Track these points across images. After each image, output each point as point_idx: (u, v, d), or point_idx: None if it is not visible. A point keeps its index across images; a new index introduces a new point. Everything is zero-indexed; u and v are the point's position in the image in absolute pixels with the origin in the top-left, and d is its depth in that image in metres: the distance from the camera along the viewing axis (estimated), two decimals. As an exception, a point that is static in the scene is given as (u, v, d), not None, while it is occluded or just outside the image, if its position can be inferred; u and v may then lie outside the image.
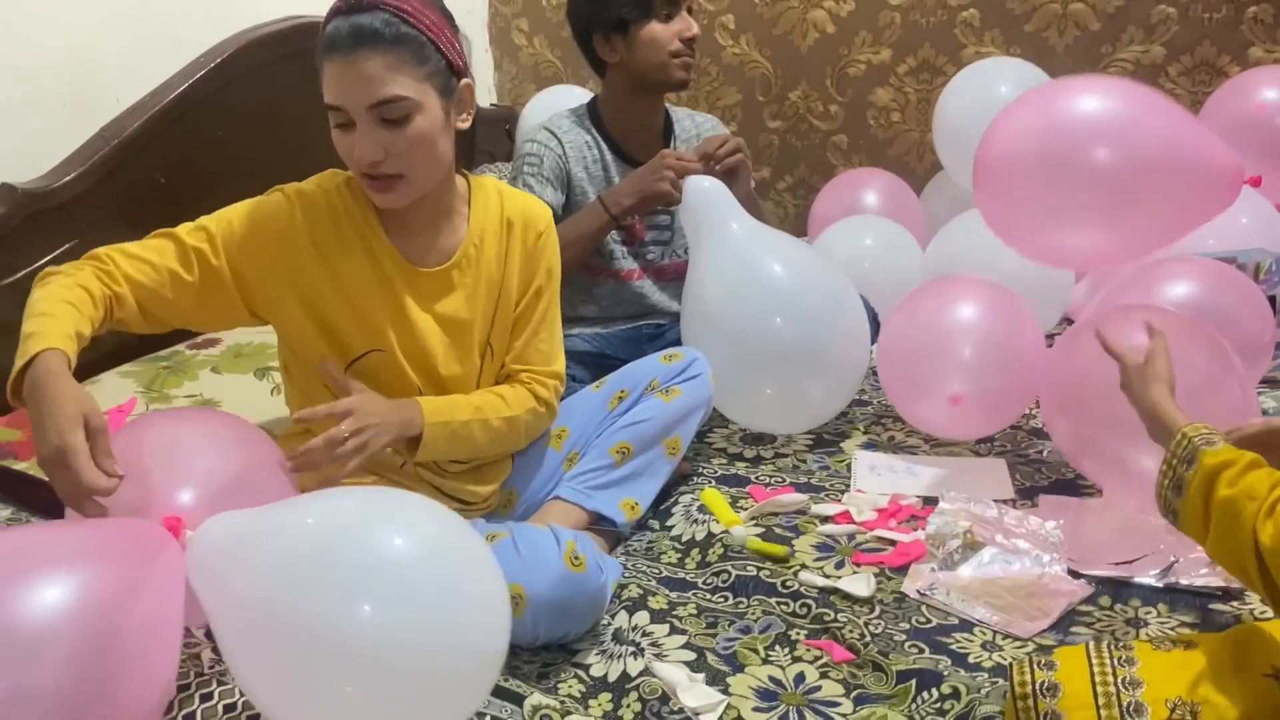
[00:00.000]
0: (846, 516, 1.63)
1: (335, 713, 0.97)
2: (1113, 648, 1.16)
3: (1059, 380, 1.69)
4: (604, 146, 2.10)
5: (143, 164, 1.91)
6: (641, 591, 1.44)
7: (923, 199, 2.76)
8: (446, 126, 1.40)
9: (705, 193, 1.89)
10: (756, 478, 1.79)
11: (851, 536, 1.58)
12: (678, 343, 1.98)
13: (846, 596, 1.42)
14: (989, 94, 2.47)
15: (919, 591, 1.43)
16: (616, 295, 2.14)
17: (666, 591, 1.46)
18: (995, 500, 1.63)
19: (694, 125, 2.21)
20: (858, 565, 1.50)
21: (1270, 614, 1.31)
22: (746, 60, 3.01)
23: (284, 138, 2.06)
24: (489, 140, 2.89)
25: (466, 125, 1.45)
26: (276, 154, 1.99)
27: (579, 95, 2.73)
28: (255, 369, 1.92)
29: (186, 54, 2.06)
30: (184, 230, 1.40)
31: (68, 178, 1.83)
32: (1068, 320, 2.36)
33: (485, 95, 3.20)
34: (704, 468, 1.83)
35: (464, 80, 1.42)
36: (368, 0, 1.33)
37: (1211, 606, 1.37)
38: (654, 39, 2.00)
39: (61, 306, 1.25)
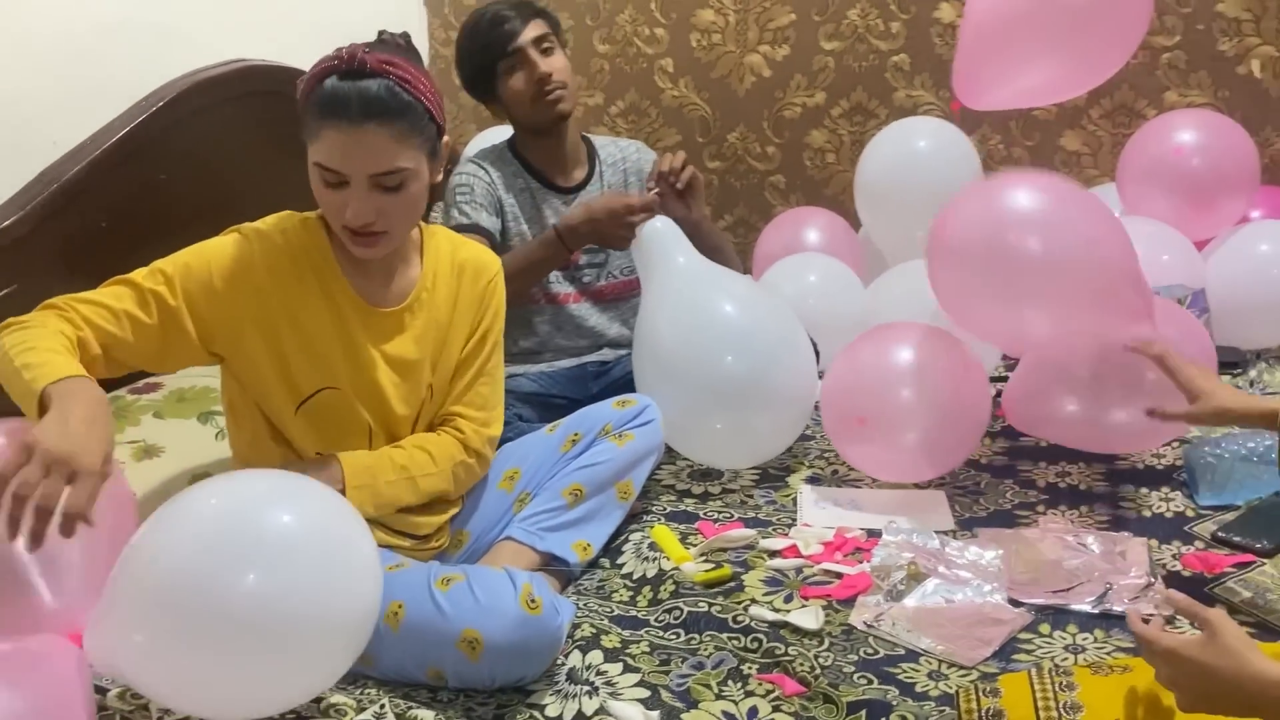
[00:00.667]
0: (794, 550, 1.66)
1: (217, 676, 1.12)
2: (1054, 673, 1.20)
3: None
4: (528, 177, 2.17)
5: (84, 208, 1.90)
6: (594, 630, 1.45)
7: (860, 236, 2.83)
8: (429, 183, 1.46)
9: (657, 233, 1.93)
10: (705, 514, 1.81)
11: (799, 570, 1.61)
12: (623, 378, 2.02)
13: (796, 630, 1.44)
14: (910, 148, 2.55)
15: (866, 623, 1.46)
16: (556, 322, 2.17)
17: (619, 630, 1.47)
18: (937, 532, 1.68)
19: (619, 150, 2.28)
20: (806, 599, 1.53)
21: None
22: (685, 102, 3.07)
23: (228, 181, 2.06)
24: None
25: (440, 178, 1.50)
26: (221, 197, 1.99)
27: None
28: (199, 413, 1.90)
29: (127, 98, 2.05)
30: (139, 275, 1.42)
31: (7, 222, 1.81)
32: (1005, 357, 2.44)
33: (426, 136, 3.22)
34: (653, 505, 1.85)
35: (445, 137, 1.48)
36: (372, 66, 1.36)
37: (1145, 631, 1.42)
38: (513, 92, 2.11)
39: (58, 340, 1.28)
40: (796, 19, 2.90)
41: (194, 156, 2.07)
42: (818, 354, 2.07)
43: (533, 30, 2.10)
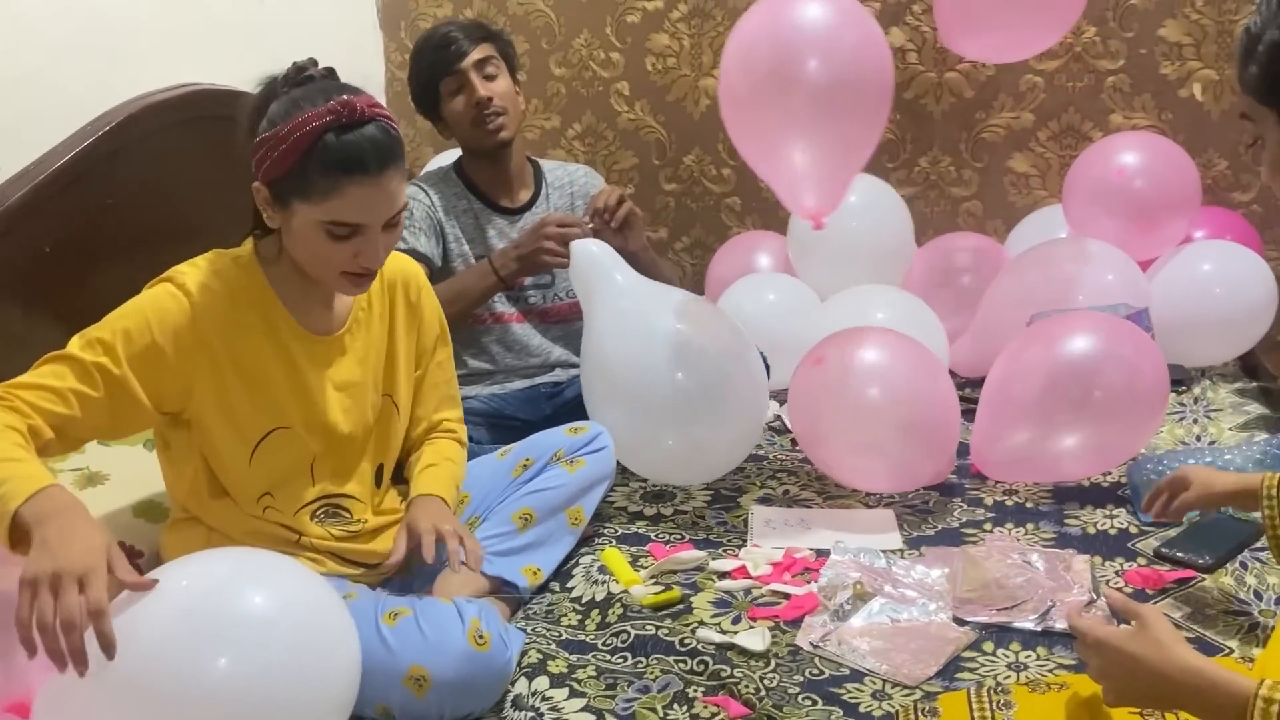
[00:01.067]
0: (743, 571, 1.67)
1: None
2: (993, 692, 1.21)
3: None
4: (473, 198, 2.20)
5: (28, 233, 1.87)
6: (541, 656, 1.45)
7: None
8: None
9: (593, 256, 1.94)
10: (656, 535, 1.82)
11: (748, 591, 1.61)
12: (575, 399, 2.02)
13: (743, 651, 1.45)
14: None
15: (812, 644, 1.47)
16: (505, 341, 2.18)
17: (566, 654, 1.47)
18: (884, 551, 1.69)
19: (566, 174, 2.31)
20: (753, 620, 1.53)
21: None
22: (642, 125, 3.08)
23: (176, 206, 2.04)
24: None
25: None
26: (168, 223, 1.97)
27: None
28: (145, 440, 1.88)
29: (74, 122, 2.03)
30: (76, 348, 1.35)
31: (-51, 248, 1.78)
32: (952, 373, 2.46)
33: (382, 159, 3.21)
34: (605, 527, 1.85)
35: None
36: (368, 112, 1.36)
37: (1086, 648, 1.44)
38: (454, 115, 2.16)
39: (15, 450, 1.23)
40: (750, 43, 2.93)
41: (140, 181, 2.05)
42: (765, 364, 2.08)
43: (478, 53, 2.13)
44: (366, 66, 3.18)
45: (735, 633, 1.49)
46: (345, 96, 1.35)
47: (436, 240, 2.13)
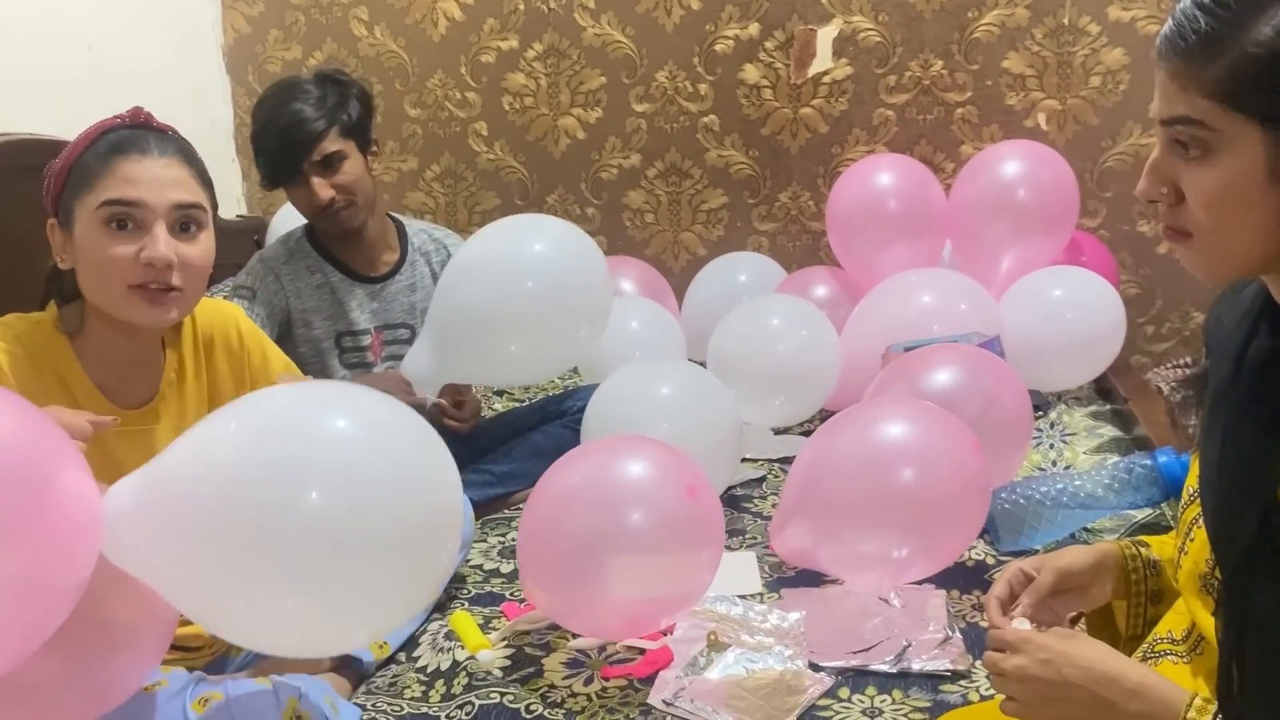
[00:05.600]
0: (598, 628, 1.61)
1: (296, 620, 1.00)
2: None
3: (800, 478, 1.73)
4: (329, 269, 2.08)
5: None
6: (378, 733, 1.36)
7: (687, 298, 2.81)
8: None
9: None
10: (511, 594, 1.75)
11: (602, 649, 1.55)
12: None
13: (592, 715, 1.38)
14: (731, 286, 2.65)
15: (665, 701, 1.41)
16: None
17: (407, 730, 1.39)
18: (741, 596, 1.65)
19: (430, 240, 2.20)
20: (606, 679, 1.47)
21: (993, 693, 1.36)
22: (502, 165, 3.04)
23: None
24: (237, 252, 2.77)
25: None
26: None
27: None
28: None
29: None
30: None
31: None
32: (828, 412, 2.45)
33: (233, 206, 3.09)
34: (459, 589, 1.77)
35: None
36: (158, 125, 1.36)
37: (942, 688, 1.42)
38: (298, 205, 2.04)
39: None
40: (607, 82, 2.91)
41: (-51, 239, 1.92)
42: None
43: (325, 146, 1.95)
44: (212, 111, 3.07)
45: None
46: (136, 108, 1.36)
47: (275, 329, 2.01)
